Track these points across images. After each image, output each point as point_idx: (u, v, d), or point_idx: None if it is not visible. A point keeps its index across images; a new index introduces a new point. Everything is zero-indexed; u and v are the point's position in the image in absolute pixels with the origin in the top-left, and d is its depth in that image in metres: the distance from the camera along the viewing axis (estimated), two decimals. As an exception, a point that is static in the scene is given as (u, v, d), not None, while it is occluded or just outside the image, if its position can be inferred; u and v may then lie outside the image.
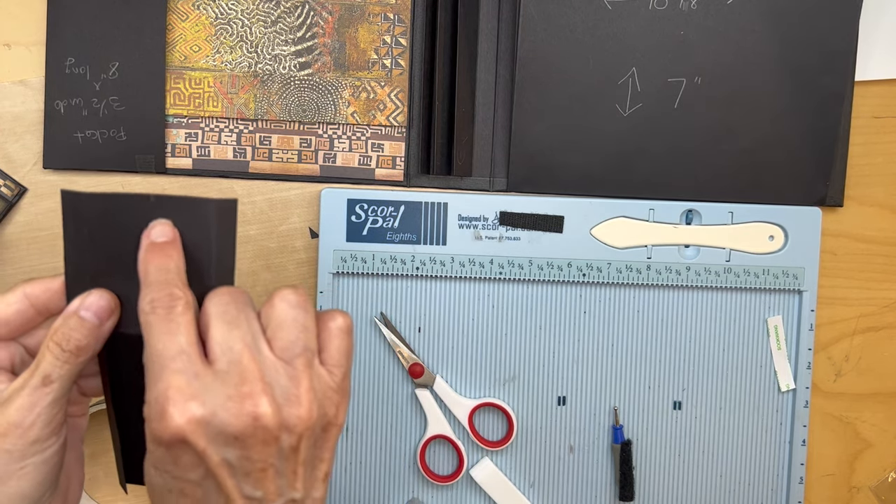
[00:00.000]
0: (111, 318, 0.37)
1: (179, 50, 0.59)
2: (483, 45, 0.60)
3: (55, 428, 0.36)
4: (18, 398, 0.35)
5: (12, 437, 0.35)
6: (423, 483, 0.60)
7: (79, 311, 0.36)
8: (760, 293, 0.60)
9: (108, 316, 0.37)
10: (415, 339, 0.60)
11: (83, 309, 0.36)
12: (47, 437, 0.36)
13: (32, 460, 0.35)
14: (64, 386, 0.36)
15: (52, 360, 0.36)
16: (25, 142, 0.59)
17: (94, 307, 0.36)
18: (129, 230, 0.36)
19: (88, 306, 0.36)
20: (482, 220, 0.59)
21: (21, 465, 0.35)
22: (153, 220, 0.36)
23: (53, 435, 0.36)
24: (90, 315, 0.36)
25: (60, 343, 0.36)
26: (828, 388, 0.62)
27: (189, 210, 0.35)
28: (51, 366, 0.36)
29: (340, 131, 0.60)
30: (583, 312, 0.60)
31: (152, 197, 0.35)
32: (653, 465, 0.60)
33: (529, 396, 0.60)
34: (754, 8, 0.58)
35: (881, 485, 0.62)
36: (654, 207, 0.59)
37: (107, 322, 0.37)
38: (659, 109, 0.59)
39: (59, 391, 0.36)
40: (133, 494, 0.61)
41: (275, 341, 0.35)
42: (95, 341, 0.36)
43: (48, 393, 0.35)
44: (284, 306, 0.36)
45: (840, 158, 0.60)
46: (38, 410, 0.35)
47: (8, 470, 0.35)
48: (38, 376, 0.35)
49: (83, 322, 0.36)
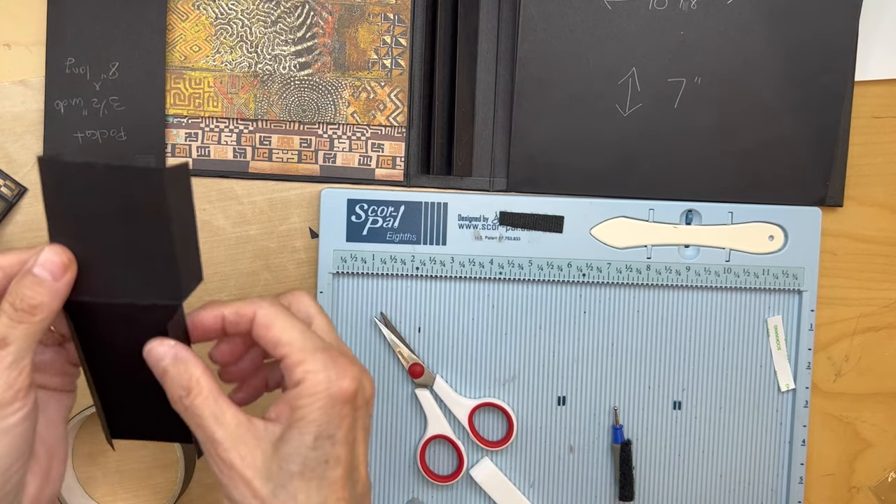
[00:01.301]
0: (66, 274, 0.36)
1: (179, 50, 0.59)
2: (483, 45, 0.60)
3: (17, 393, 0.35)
4: None
5: None
6: (423, 483, 0.60)
7: (32, 269, 0.35)
8: (760, 293, 0.60)
9: (63, 272, 0.36)
10: (415, 339, 0.60)
11: (37, 266, 0.35)
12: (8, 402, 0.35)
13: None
14: (22, 348, 0.35)
15: (7, 321, 0.35)
16: (25, 142, 0.59)
17: (48, 264, 0.35)
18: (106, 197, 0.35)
19: (42, 263, 0.35)
20: (482, 220, 0.59)
21: None
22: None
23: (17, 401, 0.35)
24: (43, 272, 0.35)
25: (13, 303, 0.35)
26: (828, 388, 0.62)
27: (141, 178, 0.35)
28: (5, 327, 0.35)
29: (340, 131, 0.60)
30: (583, 312, 0.60)
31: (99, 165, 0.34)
32: (653, 464, 0.60)
33: (529, 396, 0.60)
34: (754, 8, 0.58)
35: (881, 485, 0.62)
36: (654, 207, 0.59)
37: (62, 278, 0.36)
38: (659, 109, 0.59)
39: (16, 353, 0.35)
40: (133, 494, 0.62)
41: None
42: (51, 299, 0.35)
43: (4, 356, 0.34)
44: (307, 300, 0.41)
45: (840, 158, 0.60)
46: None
47: None
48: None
49: (37, 279, 0.35)
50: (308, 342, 0.38)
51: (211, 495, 0.61)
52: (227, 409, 0.37)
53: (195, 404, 0.37)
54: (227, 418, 0.37)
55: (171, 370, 0.37)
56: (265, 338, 0.38)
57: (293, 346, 0.37)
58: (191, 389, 0.37)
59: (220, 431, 0.36)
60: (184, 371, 0.37)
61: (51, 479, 0.39)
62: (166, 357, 0.37)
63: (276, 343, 0.38)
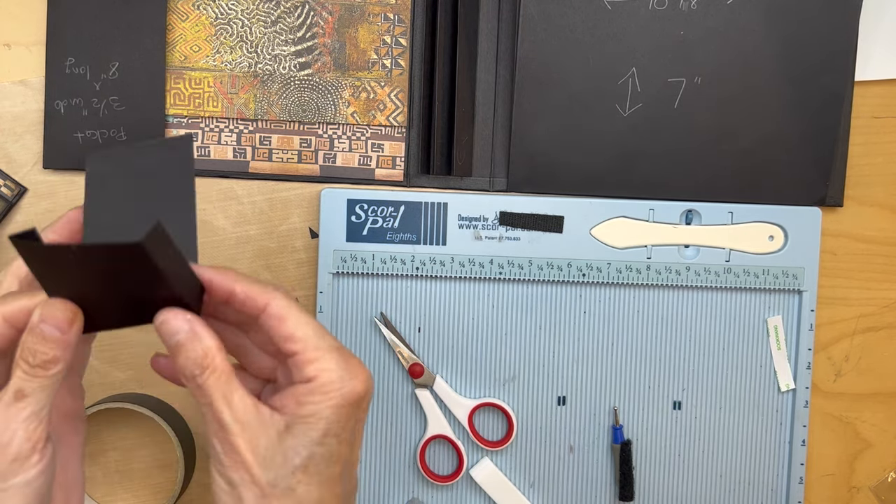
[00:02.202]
0: (74, 326, 0.36)
1: (179, 50, 0.59)
2: (483, 45, 0.60)
3: (36, 445, 0.35)
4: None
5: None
6: (423, 483, 0.60)
7: (39, 325, 0.35)
8: (760, 293, 0.60)
9: (70, 326, 0.35)
10: (415, 339, 0.60)
11: (42, 322, 0.35)
12: (28, 454, 0.34)
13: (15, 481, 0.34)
14: (40, 399, 0.35)
15: (22, 375, 0.35)
16: (25, 142, 0.59)
17: (53, 320, 0.35)
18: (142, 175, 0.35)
19: (47, 319, 0.35)
20: (482, 220, 0.59)
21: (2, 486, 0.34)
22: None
23: (35, 453, 0.35)
24: (50, 329, 0.35)
25: (27, 359, 0.35)
26: (828, 388, 0.62)
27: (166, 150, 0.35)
28: (21, 381, 0.35)
29: (340, 131, 0.60)
30: (583, 312, 0.60)
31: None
32: (653, 464, 0.60)
33: (529, 396, 0.60)
34: (754, 8, 0.58)
35: (881, 485, 0.62)
36: (654, 207, 0.59)
37: (69, 331, 0.35)
38: (659, 109, 0.59)
39: (35, 405, 0.35)
40: (133, 494, 0.62)
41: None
42: (62, 351, 0.35)
43: (23, 408, 0.34)
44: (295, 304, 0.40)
45: (840, 158, 0.60)
46: (14, 427, 0.34)
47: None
48: (10, 391, 0.35)
49: (45, 336, 0.35)
50: (321, 341, 0.37)
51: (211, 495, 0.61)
52: (236, 391, 0.36)
53: (207, 383, 0.36)
54: (235, 400, 0.36)
55: (188, 346, 0.36)
56: (277, 330, 0.37)
57: (307, 343, 0.37)
58: (205, 368, 0.36)
59: (227, 414, 0.36)
60: (199, 348, 0.36)
61: None
62: (181, 331, 0.36)
63: (287, 337, 0.37)
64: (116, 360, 0.60)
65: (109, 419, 0.61)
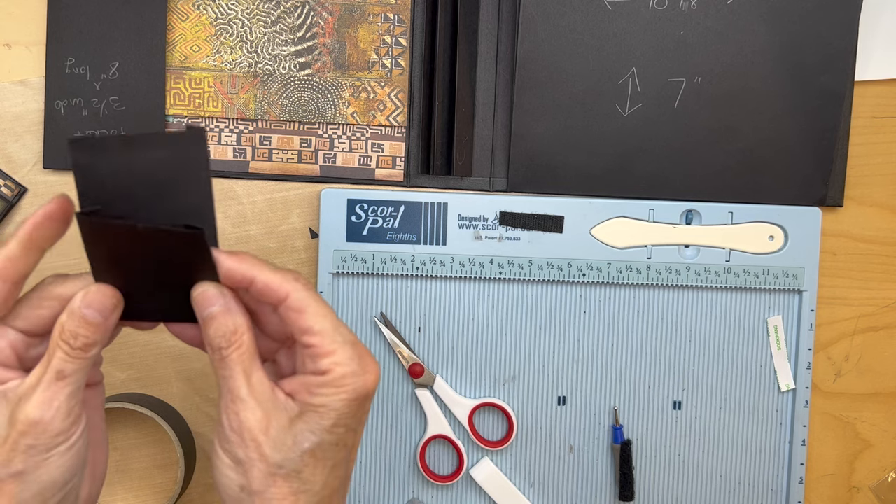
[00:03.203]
0: (115, 312, 0.37)
1: (179, 50, 0.59)
2: (483, 45, 0.60)
3: (76, 418, 0.36)
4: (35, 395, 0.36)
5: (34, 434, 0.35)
6: (423, 483, 0.60)
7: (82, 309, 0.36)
8: (760, 293, 0.60)
9: (112, 311, 0.37)
10: (415, 339, 0.60)
11: (84, 307, 0.36)
12: (69, 427, 0.36)
13: (58, 450, 0.36)
14: (78, 378, 0.36)
15: (63, 356, 0.36)
16: (25, 142, 0.59)
17: (97, 305, 0.37)
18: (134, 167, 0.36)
19: (90, 304, 0.36)
20: (482, 220, 0.59)
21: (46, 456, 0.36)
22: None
23: (75, 424, 0.36)
24: (93, 313, 0.36)
25: (69, 341, 0.36)
26: (828, 387, 0.62)
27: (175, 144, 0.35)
28: (62, 362, 0.36)
29: (340, 131, 0.60)
30: (583, 312, 0.60)
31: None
32: (653, 464, 0.60)
33: (529, 396, 0.60)
34: (754, 8, 0.58)
35: (881, 485, 0.62)
36: (654, 207, 0.59)
37: (111, 316, 0.37)
38: (659, 109, 0.59)
39: (74, 384, 0.36)
40: (133, 494, 0.62)
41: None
42: (102, 336, 0.37)
43: (64, 387, 0.36)
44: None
45: (840, 158, 0.60)
46: (57, 405, 0.36)
47: (35, 461, 0.35)
48: (52, 372, 0.36)
49: (87, 320, 0.36)
50: (338, 335, 0.38)
51: (211, 495, 0.61)
52: (256, 371, 0.37)
53: (232, 357, 0.37)
54: (254, 379, 0.37)
55: (220, 318, 0.37)
56: (295, 321, 0.38)
57: (324, 336, 0.38)
58: (232, 343, 0.37)
59: (245, 390, 0.37)
60: (230, 322, 0.37)
61: (96, 478, 0.41)
62: (217, 304, 0.37)
63: (305, 330, 0.38)
64: (116, 360, 0.60)
65: (109, 419, 0.61)
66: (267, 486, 0.37)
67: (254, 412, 0.37)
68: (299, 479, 0.37)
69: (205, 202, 0.36)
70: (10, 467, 0.35)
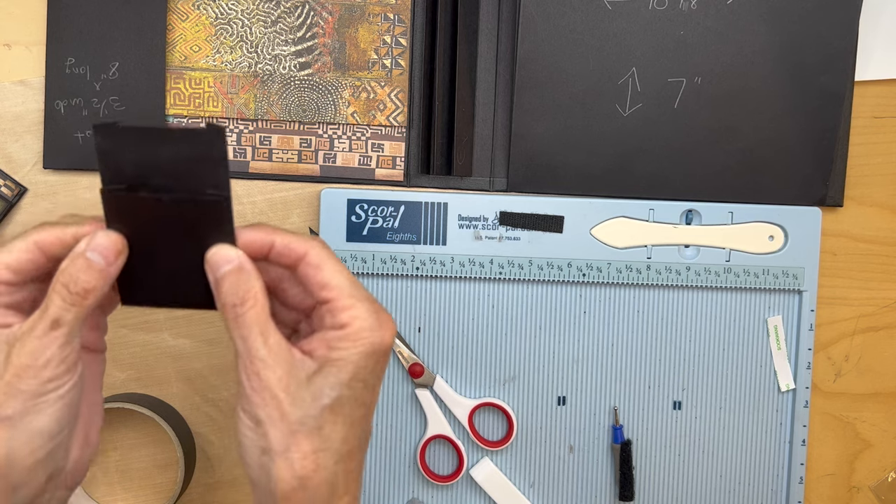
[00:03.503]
0: (119, 259, 0.37)
1: (179, 50, 0.59)
2: (483, 45, 0.60)
3: (69, 366, 0.36)
4: (29, 342, 0.36)
5: (26, 378, 0.35)
6: (423, 483, 0.60)
7: (85, 252, 0.36)
8: (760, 293, 0.60)
9: (116, 257, 0.37)
10: (415, 339, 0.60)
11: (90, 250, 0.36)
12: (62, 374, 0.36)
13: (48, 397, 0.36)
14: (73, 328, 0.36)
15: (60, 304, 0.36)
16: (25, 142, 0.59)
17: (101, 248, 0.36)
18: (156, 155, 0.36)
19: (95, 247, 0.36)
20: (482, 220, 0.59)
21: (36, 402, 0.36)
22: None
23: (68, 373, 0.36)
24: (97, 257, 0.36)
25: (67, 285, 0.36)
26: (828, 387, 0.62)
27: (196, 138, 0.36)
28: (59, 309, 0.36)
29: (340, 131, 0.60)
30: (583, 312, 0.60)
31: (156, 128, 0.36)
32: (653, 464, 0.60)
33: (529, 396, 0.60)
34: (754, 8, 0.58)
35: (881, 485, 0.62)
36: (654, 207, 0.59)
37: (114, 263, 0.37)
38: (659, 109, 0.59)
39: (69, 333, 0.36)
40: (133, 494, 0.62)
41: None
42: (103, 283, 0.36)
43: (58, 336, 0.36)
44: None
45: (840, 158, 0.60)
46: (50, 353, 0.36)
47: (25, 407, 0.35)
48: (47, 320, 0.36)
49: (90, 264, 0.36)
50: (355, 290, 0.38)
51: (211, 495, 0.61)
52: (273, 331, 0.37)
53: (247, 315, 0.37)
54: (272, 339, 0.37)
55: (233, 277, 0.37)
56: (313, 277, 0.38)
57: (342, 290, 0.38)
58: (246, 300, 0.37)
59: (263, 349, 0.37)
60: (245, 281, 0.37)
61: (89, 442, 0.40)
62: (232, 263, 0.37)
63: (324, 285, 0.38)
64: (116, 360, 0.60)
65: (109, 419, 0.61)
66: (288, 444, 0.37)
67: (273, 370, 0.37)
68: (320, 436, 0.37)
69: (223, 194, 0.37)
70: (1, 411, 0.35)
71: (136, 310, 0.60)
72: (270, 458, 0.37)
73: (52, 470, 0.37)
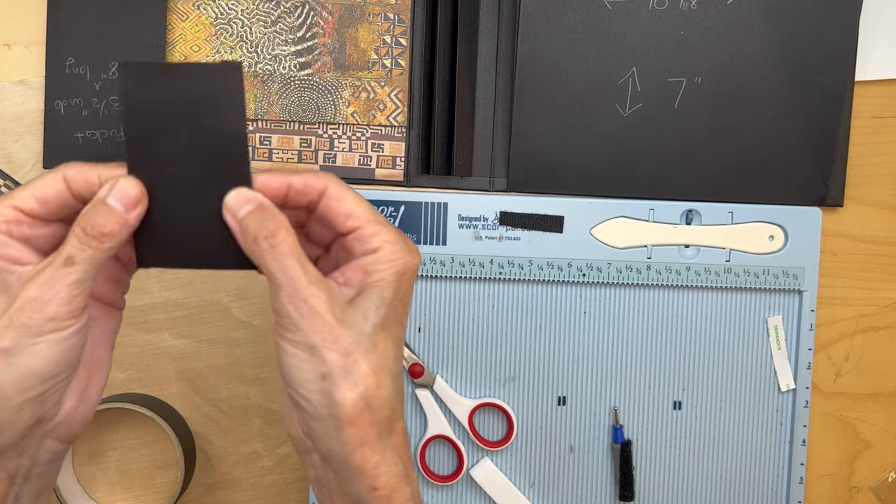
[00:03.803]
0: (138, 208, 0.37)
1: (179, 50, 0.59)
2: (483, 45, 0.60)
3: (74, 310, 0.36)
4: (42, 275, 0.36)
5: (29, 311, 0.35)
6: (423, 483, 0.60)
7: (106, 198, 0.37)
8: (760, 293, 0.60)
9: (135, 205, 0.37)
10: (415, 339, 0.60)
11: (110, 196, 0.37)
12: (65, 316, 0.36)
13: (48, 338, 0.36)
14: (87, 270, 0.36)
15: (76, 244, 0.36)
16: (25, 142, 0.59)
17: (121, 196, 0.37)
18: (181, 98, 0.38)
19: (116, 194, 0.37)
20: (482, 220, 0.59)
21: (35, 340, 0.36)
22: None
23: (72, 317, 0.36)
24: (117, 203, 0.37)
25: (85, 228, 0.36)
26: (828, 388, 0.62)
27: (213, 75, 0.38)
28: (74, 248, 0.36)
29: (340, 131, 0.60)
30: (583, 312, 0.60)
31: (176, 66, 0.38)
32: (653, 465, 0.60)
33: (529, 396, 0.60)
34: (754, 8, 0.58)
35: (881, 485, 0.62)
36: (654, 207, 0.59)
37: (133, 211, 0.37)
38: (659, 109, 0.59)
39: (81, 274, 0.36)
40: (133, 494, 0.62)
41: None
42: (121, 229, 0.37)
43: (70, 273, 0.36)
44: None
45: (840, 158, 0.60)
46: (58, 288, 0.36)
47: (22, 343, 0.35)
48: (62, 257, 0.36)
49: (110, 210, 0.37)
50: (377, 217, 0.39)
51: (211, 495, 0.61)
52: (307, 260, 0.38)
53: (282, 245, 0.37)
54: (309, 266, 0.37)
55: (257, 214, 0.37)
56: (336, 209, 0.39)
57: (367, 218, 0.39)
58: (278, 232, 0.37)
59: (305, 278, 0.37)
60: (270, 217, 0.37)
61: (87, 397, 0.40)
62: (252, 203, 0.38)
63: (349, 215, 0.39)
64: (116, 360, 0.60)
65: (109, 419, 0.61)
66: (348, 366, 0.37)
67: (320, 297, 0.37)
68: (377, 353, 0.37)
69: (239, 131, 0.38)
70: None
71: (136, 309, 0.60)
72: (332, 381, 0.37)
73: (41, 415, 0.37)
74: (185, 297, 0.61)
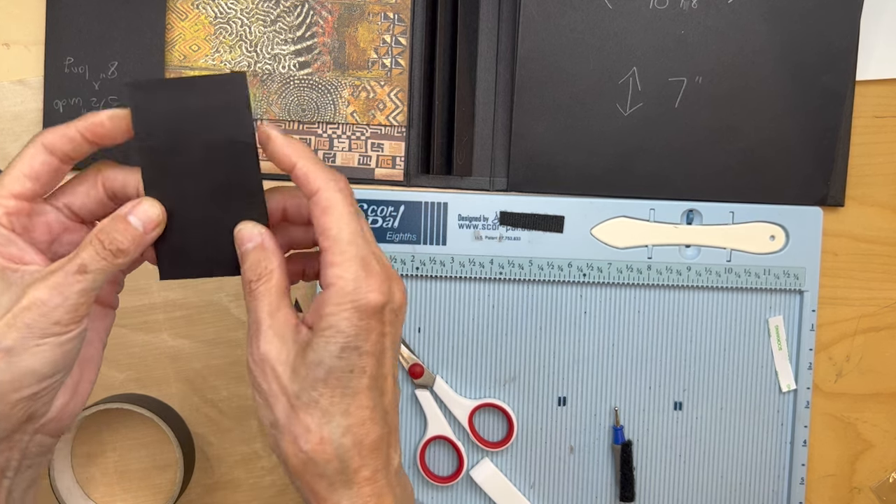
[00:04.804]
0: (156, 230, 0.39)
1: (179, 49, 0.59)
2: (483, 45, 0.60)
3: (78, 316, 0.37)
4: (52, 278, 0.36)
5: (34, 313, 0.36)
6: (423, 484, 0.60)
7: (128, 216, 0.38)
8: (761, 293, 0.60)
9: (154, 227, 0.39)
10: (415, 340, 0.60)
11: (132, 215, 0.38)
12: (69, 321, 0.37)
13: (49, 340, 0.36)
14: (97, 279, 0.37)
15: (92, 254, 0.37)
16: (24, 141, 0.59)
17: (143, 216, 0.38)
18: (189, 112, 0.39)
19: (138, 214, 0.38)
20: (482, 220, 0.59)
21: (37, 342, 0.36)
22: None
23: (75, 322, 0.37)
24: (138, 223, 0.38)
25: (103, 241, 0.37)
26: (829, 388, 0.62)
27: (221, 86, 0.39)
28: (89, 258, 0.37)
29: (340, 131, 0.60)
30: (583, 312, 0.60)
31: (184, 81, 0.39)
32: (653, 465, 0.60)
33: (529, 397, 0.60)
34: (755, 7, 0.58)
35: (882, 485, 0.62)
36: (655, 207, 0.59)
37: (151, 232, 0.39)
38: (659, 109, 0.59)
39: (90, 282, 0.37)
40: (132, 494, 0.61)
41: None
42: (136, 247, 0.38)
43: (80, 281, 0.37)
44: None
45: (841, 158, 0.60)
46: (66, 294, 0.36)
47: (24, 344, 0.36)
48: (75, 264, 0.37)
49: (129, 228, 0.38)
50: (350, 246, 0.37)
51: (210, 496, 0.61)
52: (282, 307, 0.38)
53: (259, 290, 0.38)
54: (279, 314, 0.38)
55: (253, 255, 0.39)
56: (317, 220, 0.38)
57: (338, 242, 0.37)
58: (261, 276, 0.38)
59: (267, 322, 0.38)
60: (263, 259, 0.39)
61: (77, 395, 0.41)
62: (253, 241, 0.39)
63: (322, 231, 0.38)
64: (115, 360, 0.60)
65: (109, 420, 0.61)
66: (290, 419, 0.37)
67: (272, 342, 0.37)
68: (319, 410, 0.37)
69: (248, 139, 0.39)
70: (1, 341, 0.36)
71: (136, 310, 0.60)
72: (279, 432, 0.38)
73: (33, 412, 0.38)
74: (185, 297, 0.60)
